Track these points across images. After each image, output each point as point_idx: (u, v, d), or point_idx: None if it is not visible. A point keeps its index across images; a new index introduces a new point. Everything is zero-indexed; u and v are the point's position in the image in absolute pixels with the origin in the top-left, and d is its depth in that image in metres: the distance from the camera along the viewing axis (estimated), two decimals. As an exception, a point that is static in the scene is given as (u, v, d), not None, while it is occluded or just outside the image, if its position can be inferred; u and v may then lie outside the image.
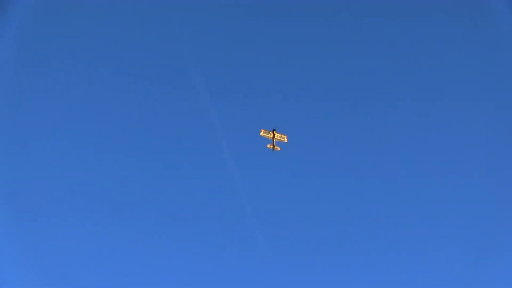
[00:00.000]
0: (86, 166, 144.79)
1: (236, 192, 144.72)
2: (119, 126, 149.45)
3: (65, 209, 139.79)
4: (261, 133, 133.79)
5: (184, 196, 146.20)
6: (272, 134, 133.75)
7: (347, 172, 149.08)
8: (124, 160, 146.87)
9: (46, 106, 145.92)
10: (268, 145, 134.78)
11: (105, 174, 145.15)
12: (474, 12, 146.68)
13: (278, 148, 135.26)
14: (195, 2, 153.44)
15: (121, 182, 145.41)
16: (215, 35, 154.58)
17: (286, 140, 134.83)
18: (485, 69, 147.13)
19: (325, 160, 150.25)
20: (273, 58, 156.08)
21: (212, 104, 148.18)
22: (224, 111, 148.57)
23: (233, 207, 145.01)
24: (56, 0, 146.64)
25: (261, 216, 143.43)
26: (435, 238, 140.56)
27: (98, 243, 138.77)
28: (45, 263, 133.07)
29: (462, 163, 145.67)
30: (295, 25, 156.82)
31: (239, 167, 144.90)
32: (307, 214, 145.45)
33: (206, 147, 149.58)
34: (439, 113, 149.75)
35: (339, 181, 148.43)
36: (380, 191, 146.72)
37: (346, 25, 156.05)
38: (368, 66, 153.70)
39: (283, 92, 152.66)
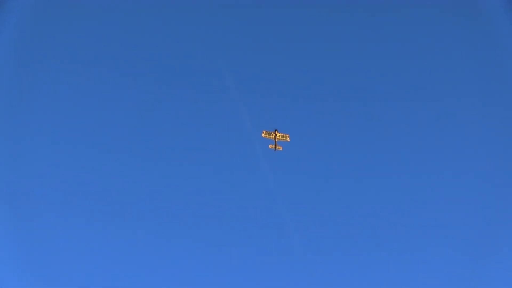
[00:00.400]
0: (95, 168, 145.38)
1: (243, 193, 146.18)
2: (118, 126, 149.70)
3: (69, 209, 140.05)
4: (263, 135, 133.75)
5: (189, 196, 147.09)
6: (274, 134, 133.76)
7: (347, 171, 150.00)
8: (122, 159, 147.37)
9: (48, 106, 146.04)
10: (270, 146, 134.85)
11: (107, 175, 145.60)
12: (472, 13, 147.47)
13: (280, 148, 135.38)
14: (196, 2, 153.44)
15: (122, 182, 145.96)
16: (215, 35, 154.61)
17: (288, 139, 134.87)
18: (483, 69, 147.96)
19: (331, 159, 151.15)
20: (271, 57, 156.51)
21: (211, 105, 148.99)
22: (222, 113, 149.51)
23: (237, 206, 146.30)
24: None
25: (267, 217, 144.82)
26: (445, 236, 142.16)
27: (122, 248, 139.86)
28: (44, 263, 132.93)
29: (469, 162, 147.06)
30: (294, 25, 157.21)
31: (242, 168, 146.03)
32: (316, 212, 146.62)
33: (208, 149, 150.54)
34: (443, 112, 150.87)
35: (340, 180, 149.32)
36: (385, 189, 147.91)
37: (347, 25, 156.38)
38: (369, 66, 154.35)
39: (281, 92, 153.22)
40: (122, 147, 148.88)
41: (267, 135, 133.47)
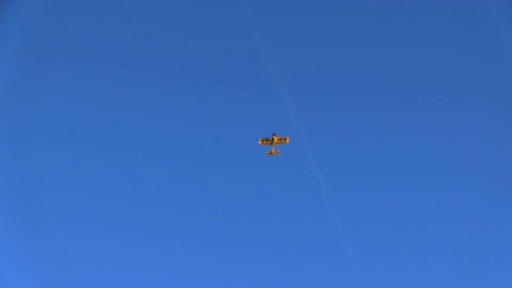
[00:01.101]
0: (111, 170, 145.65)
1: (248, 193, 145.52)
2: (119, 126, 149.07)
3: (85, 212, 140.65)
4: (260, 142, 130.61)
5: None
6: (272, 139, 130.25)
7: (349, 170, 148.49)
8: (127, 159, 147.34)
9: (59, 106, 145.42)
10: (267, 152, 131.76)
11: (128, 175, 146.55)
12: (472, 14, 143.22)
13: (278, 152, 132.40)
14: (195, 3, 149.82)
15: (124, 183, 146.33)
16: (213, 34, 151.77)
17: (288, 140, 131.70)
18: (484, 70, 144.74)
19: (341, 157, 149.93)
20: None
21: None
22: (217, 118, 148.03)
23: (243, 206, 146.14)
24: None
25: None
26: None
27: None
28: (45, 263, 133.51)
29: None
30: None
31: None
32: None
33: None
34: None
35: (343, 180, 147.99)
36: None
37: (347, 26, 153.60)
38: (372, 67, 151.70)
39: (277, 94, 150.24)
40: (126, 148, 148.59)
41: (265, 142, 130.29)
